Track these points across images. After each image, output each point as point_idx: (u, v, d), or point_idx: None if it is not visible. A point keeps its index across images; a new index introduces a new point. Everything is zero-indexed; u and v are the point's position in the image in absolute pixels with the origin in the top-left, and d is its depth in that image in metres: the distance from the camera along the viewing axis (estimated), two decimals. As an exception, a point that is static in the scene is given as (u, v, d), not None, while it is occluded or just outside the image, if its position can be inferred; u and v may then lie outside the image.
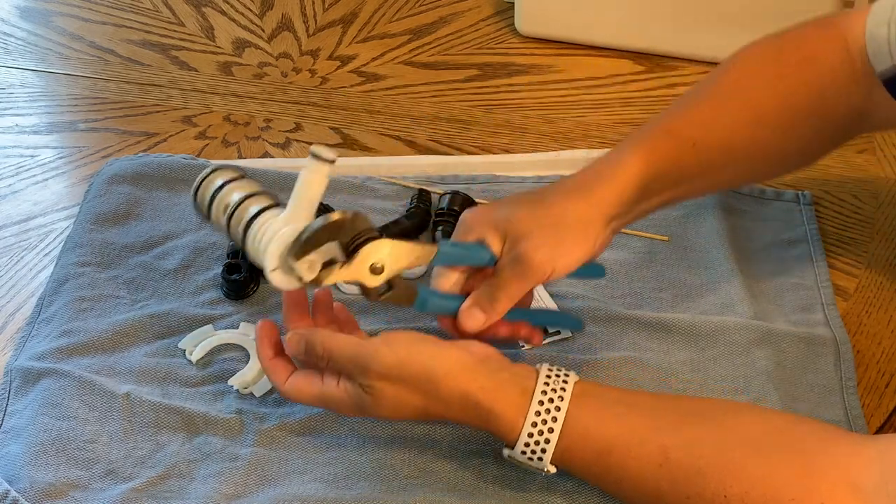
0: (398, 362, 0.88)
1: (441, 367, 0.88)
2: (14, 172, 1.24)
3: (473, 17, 1.45)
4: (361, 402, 0.90)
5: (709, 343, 1.03)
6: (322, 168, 0.88)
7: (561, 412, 0.86)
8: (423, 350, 0.89)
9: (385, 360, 0.88)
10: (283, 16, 1.45)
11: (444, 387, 0.88)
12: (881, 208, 1.18)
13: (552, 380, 0.88)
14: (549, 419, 0.86)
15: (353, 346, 0.89)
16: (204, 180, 0.93)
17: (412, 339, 0.90)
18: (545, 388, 0.87)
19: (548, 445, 0.86)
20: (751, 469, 0.83)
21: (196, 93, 1.34)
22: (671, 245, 1.13)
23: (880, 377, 1.03)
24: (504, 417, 0.87)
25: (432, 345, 0.89)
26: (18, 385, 1.01)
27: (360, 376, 0.89)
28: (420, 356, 0.88)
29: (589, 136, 1.28)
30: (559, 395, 0.87)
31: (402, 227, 1.13)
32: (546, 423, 0.86)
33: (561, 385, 0.88)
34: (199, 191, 0.93)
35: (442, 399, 0.88)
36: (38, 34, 1.43)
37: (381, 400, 0.89)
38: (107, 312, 1.07)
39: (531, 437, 0.87)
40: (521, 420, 0.87)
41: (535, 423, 0.86)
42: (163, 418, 0.98)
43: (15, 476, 0.93)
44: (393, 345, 0.89)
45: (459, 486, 0.93)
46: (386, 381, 0.88)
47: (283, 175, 1.19)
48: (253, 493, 0.93)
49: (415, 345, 0.89)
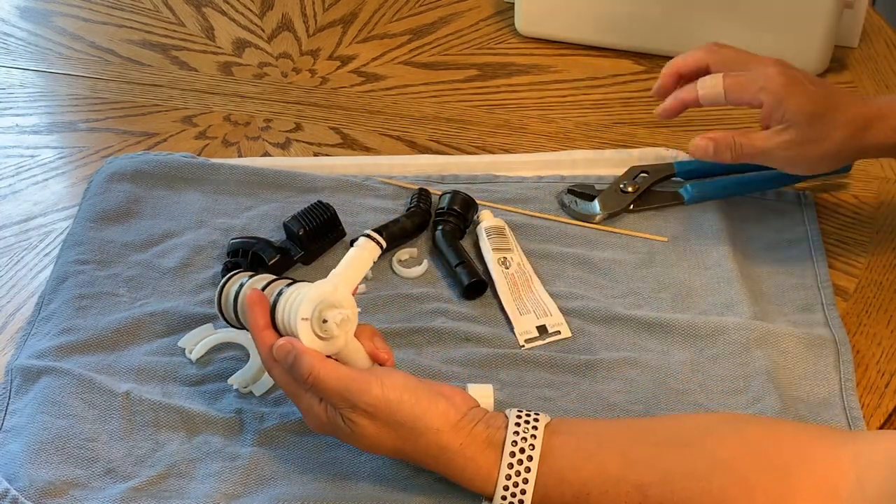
0: (387, 405, 0.87)
1: (430, 422, 0.87)
2: (14, 172, 1.24)
3: (473, 17, 1.44)
4: (336, 428, 0.89)
5: (709, 343, 1.03)
6: (373, 249, 0.93)
7: (533, 461, 0.87)
8: (416, 401, 0.88)
9: (375, 400, 0.87)
10: (283, 16, 1.45)
11: (425, 440, 0.88)
12: (881, 208, 1.18)
13: (521, 427, 0.88)
14: (522, 470, 0.87)
15: (343, 381, 0.87)
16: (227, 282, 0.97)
17: (407, 385, 0.88)
18: (515, 438, 0.87)
19: (525, 496, 0.87)
20: (731, 496, 0.83)
21: (196, 93, 1.34)
22: (671, 245, 1.13)
23: (880, 377, 1.03)
24: (479, 472, 0.87)
25: (425, 396, 0.88)
26: (19, 384, 1.01)
27: (345, 408, 0.88)
28: (411, 407, 0.87)
29: (589, 136, 1.28)
30: (530, 444, 0.87)
31: (402, 227, 1.13)
32: (520, 475, 0.87)
33: (531, 432, 0.88)
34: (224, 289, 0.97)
35: (420, 450, 0.88)
36: (38, 34, 1.43)
37: (359, 435, 0.89)
38: (106, 311, 1.07)
39: (507, 489, 0.87)
40: (494, 473, 0.87)
41: (510, 476, 0.87)
42: (162, 417, 0.98)
43: (14, 474, 0.93)
44: (386, 386, 0.88)
45: (459, 488, 0.92)
46: (370, 419, 0.88)
47: (283, 175, 1.19)
48: (252, 492, 0.93)
49: (407, 392, 0.88)
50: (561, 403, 0.99)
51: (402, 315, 1.07)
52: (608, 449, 0.87)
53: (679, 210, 1.16)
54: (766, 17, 1.30)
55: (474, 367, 1.02)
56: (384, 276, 1.11)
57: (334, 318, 0.89)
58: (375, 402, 0.87)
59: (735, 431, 0.88)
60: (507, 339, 1.05)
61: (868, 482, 0.81)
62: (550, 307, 1.07)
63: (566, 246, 1.13)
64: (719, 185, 1.17)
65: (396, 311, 1.07)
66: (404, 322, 1.06)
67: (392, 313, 1.07)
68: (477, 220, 1.14)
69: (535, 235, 1.14)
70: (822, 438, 0.86)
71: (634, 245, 1.13)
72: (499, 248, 1.11)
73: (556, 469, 0.86)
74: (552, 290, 1.08)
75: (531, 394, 1.00)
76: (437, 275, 1.11)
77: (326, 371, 0.88)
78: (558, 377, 1.02)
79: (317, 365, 0.88)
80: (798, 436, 0.87)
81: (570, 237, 1.14)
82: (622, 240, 1.14)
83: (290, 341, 0.89)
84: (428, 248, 1.13)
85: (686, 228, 1.14)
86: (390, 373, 0.89)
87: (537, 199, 1.18)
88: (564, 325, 1.06)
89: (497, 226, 1.13)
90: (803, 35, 1.30)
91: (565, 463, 0.86)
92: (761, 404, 0.98)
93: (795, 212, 1.17)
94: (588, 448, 0.87)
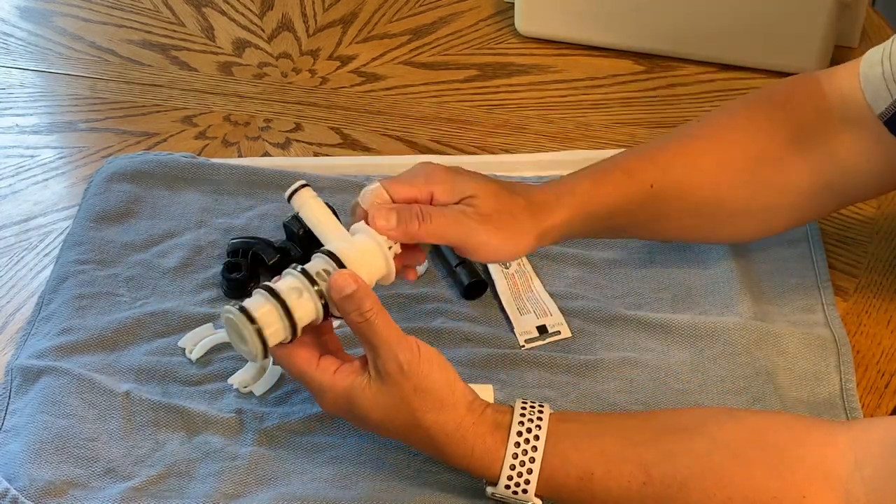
0: (422, 368, 0.88)
1: (457, 396, 0.88)
2: (14, 172, 1.24)
3: (473, 17, 1.44)
4: (352, 400, 0.89)
5: (709, 343, 1.03)
6: (306, 194, 0.93)
7: (540, 440, 0.87)
8: (448, 373, 0.89)
9: (414, 358, 0.88)
10: (283, 16, 1.45)
11: (445, 414, 0.88)
12: (881, 208, 1.18)
13: (527, 411, 0.89)
14: (529, 449, 0.87)
15: (393, 329, 0.88)
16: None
17: (441, 358, 0.89)
18: (521, 419, 0.88)
19: (531, 476, 0.87)
20: (731, 473, 0.84)
21: (196, 93, 1.34)
22: (671, 245, 1.13)
23: (880, 377, 1.03)
24: (488, 452, 0.88)
25: (453, 372, 0.90)
26: (19, 384, 1.01)
27: (382, 360, 0.88)
28: (443, 376, 0.88)
29: (589, 136, 1.28)
30: (536, 425, 0.88)
31: (402, 227, 1.13)
32: (527, 453, 0.87)
33: (537, 416, 0.88)
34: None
35: (435, 424, 0.88)
36: (38, 34, 1.42)
37: (377, 404, 0.88)
38: (106, 310, 1.07)
39: (513, 468, 0.87)
40: (501, 452, 0.87)
41: (516, 455, 0.87)
42: (162, 417, 0.98)
43: (14, 474, 0.93)
44: (422, 353, 0.88)
45: (459, 487, 0.93)
46: (400, 378, 0.88)
47: (283, 175, 1.19)
48: (252, 492, 0.93)
49: (442, 363, 0.89)
50: (561, 403, 0.99)
51: (402, 315, 1.07)
52: (610, 431, 0.88)
53: (679, 210, 1.16)
54: (765, 16, 1.30)
55: (474, 367, 1.02)
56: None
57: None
58: (414, 361, 0.87)
59: (733, 417, 0.89)
60: (507, 339, 1.05)
61: (866, 463, 0.82)
62: (550, 307, 1.07)
63: (566, 246, 1.13)
64: (719, 185, 1.17)
65: (396, 311, 1.07)
66: (404, 322, 1.06)
67: (392, 313, 1.05)
68: (477, 220, 1.14)
69: (535, 235, 1.14)
70: (819, 425, 0.88)
71: (634, 245, 1.13)
72: (499, 248, 1.11)
73: (561, 450, 0.87)
74: (552, 290, 1.09)
75: (531, 394, 1.00)
76: (437, 275, 1.11)
77: (383, 315, 0.88)
78: (558, 377, 1.02)
79: (376, 307, 0.88)
80: (795, 423, 0.88)
81: (569, 237, 1.14)
82: (622, 240, 1.14)
83: (350, 274, 0.89)
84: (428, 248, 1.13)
85: (686, 228, 1.14)
86: (429, 347, 0.90)
87: (537, 199, 1.18)
88: (564, 325, 1.06)
89: (497, 226, 1.13)
90: (803, 35, 1.30)
91: (569, 444, 0.87)
92: (761, 404, 0.98)
93: (795, 212, 1.17)
94: (591, 431, 0.88)
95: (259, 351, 0.88)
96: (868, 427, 0.85)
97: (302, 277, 0.90)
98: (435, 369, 0.88)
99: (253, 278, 1.08)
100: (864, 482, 0.81)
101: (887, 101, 0.96)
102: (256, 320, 0.87)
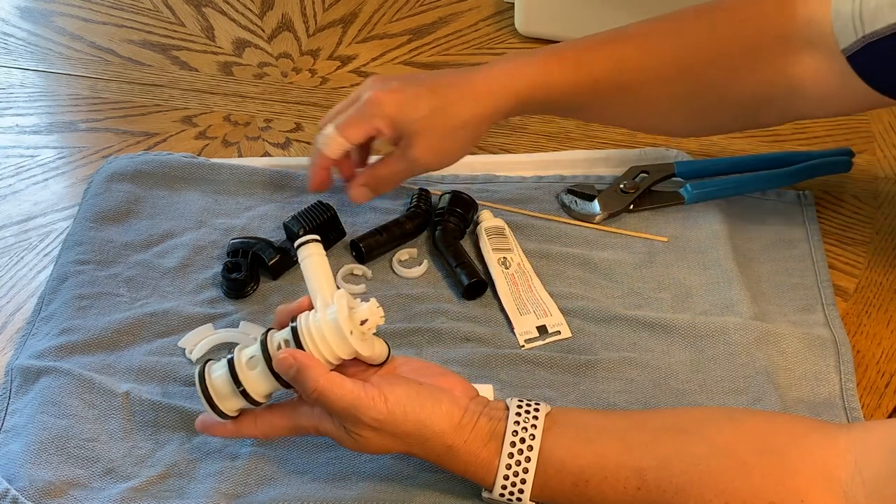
0: (392, 419, 0.87)
1: (435, 427, 0.87)
2: (14, 172, 1.24)
3: (473, 17, 1.45)
4: (340, 438, 0.89)
5: (709, 343, 1.03)
6: (313, 248, 0.91)
7: (533, 451, 0.87)
8: (420, 409, 0.87)
9: (380, 415, 0.86)
10: (283, 16, 1.45)
11: (431, 444, 0.88)
12: (881, 208, 1.18)
13: (522, 416, 0.88)
14: (522, 459, 0.87)
15: (348, 396, 0.86)
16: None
17: (409, 394, 0.88)
18: (516, 428, 0.87)
19: (524, 485, 0.87)
20: (729, 478, 0.83)
21: (196, 93, 1.34)
22: (671, 245, 1.13)
23: (880, 377, 1.03)
24: (481, 465, 0.87)
25: (429, 401, 0.88)
26: (19, 384, 1.01)
27: (349, 424, 0.88)
28: (416, 415, 0.87)
29: (589, 136, 1.27)
30: (530, 434, 0.87)
31: (402, 227, 1.13)
32: (520, 464, 0.87)
33: (532, 422, 0.88)
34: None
35: (426, 450, 0.88)
36: (39, 34, 1.43)
37: (364, 446, 0.89)
38: (106, 311, 1.07)
39: (507, 479, 0.87)
40: (495, 462, 0.87)
41: (510, 465, 0.87)
42: (162, 417, 0.98)
43: (14, 474, 0.93)
44: (390, 401, 0.87)
45: (459, 487, 0.93)
46: (375, 432, 0.87)
47: (283, 175, 1.19)
48: (252, 492, 0.93)
49: (411, 402, 0.87)
50: (561, 403, 0.99)
51: (402, 315, 1.07)
52: (607, 436, 0.87)
53: (679, 210, 1.16)
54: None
55: (474, 367, 1.02)
56: (384, 276, 1.11)
57: (371, 313, 0.89)
58: (381, 418, 0.87)
59: (731, 420, 0.88)
60: (507, 339, 1.05)
61: (866, 465, 0.82)
62: (550, 307, 1.07)
63: (566, 246, 1.13)
64: (719, 185, 1.17)
65: (396, 312, 1.07)
66: (404, 322, 1.06)
67: (392, 313, 1.06)
68: (477, 220, 1.14)
69: (535, 235, 1.14)
70: (818, 427, 0.87)
71: (634, 245, 1.13)
72: (499, 248, 1.11)
73: (556, 458, 0.87)
74: (552, 290, 1.09)
75: (531, 394, 1.00)
76: (437, 275, 1.11)
77: (332, 385, 0.87)
78: (558, 377, 1.02)
79: (322, 379, 0.87)
80: (794, 425, 0.88)
81: (570, 237, 1.14)
82: (622, 240, 1.14)
83: (292, 353, 0.87)
84: (428, 248, 1.13)
85: (686, 228, 1.14)
86: (392, 384, 0.88)
87: (537, 199, 1.18)
88: (564, 325, 1.06)
89: (497, 226, 1.13)
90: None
91: (564, 451, 0.87)
92: (761, 404, 0.98)
93: (795, 212, 1.17)
94: (587, 436, 0.87)
95: (217, 416, 0.90)
96: (868, 429, 0.85)
97: (258, 350, 0.90)
98: (408, 410, 0.87)
99: (252, 278, 1.08)
100: (864, 485, 0.81)
101: (851, 38, 0.96)
102: (209, 389, 0.90)
